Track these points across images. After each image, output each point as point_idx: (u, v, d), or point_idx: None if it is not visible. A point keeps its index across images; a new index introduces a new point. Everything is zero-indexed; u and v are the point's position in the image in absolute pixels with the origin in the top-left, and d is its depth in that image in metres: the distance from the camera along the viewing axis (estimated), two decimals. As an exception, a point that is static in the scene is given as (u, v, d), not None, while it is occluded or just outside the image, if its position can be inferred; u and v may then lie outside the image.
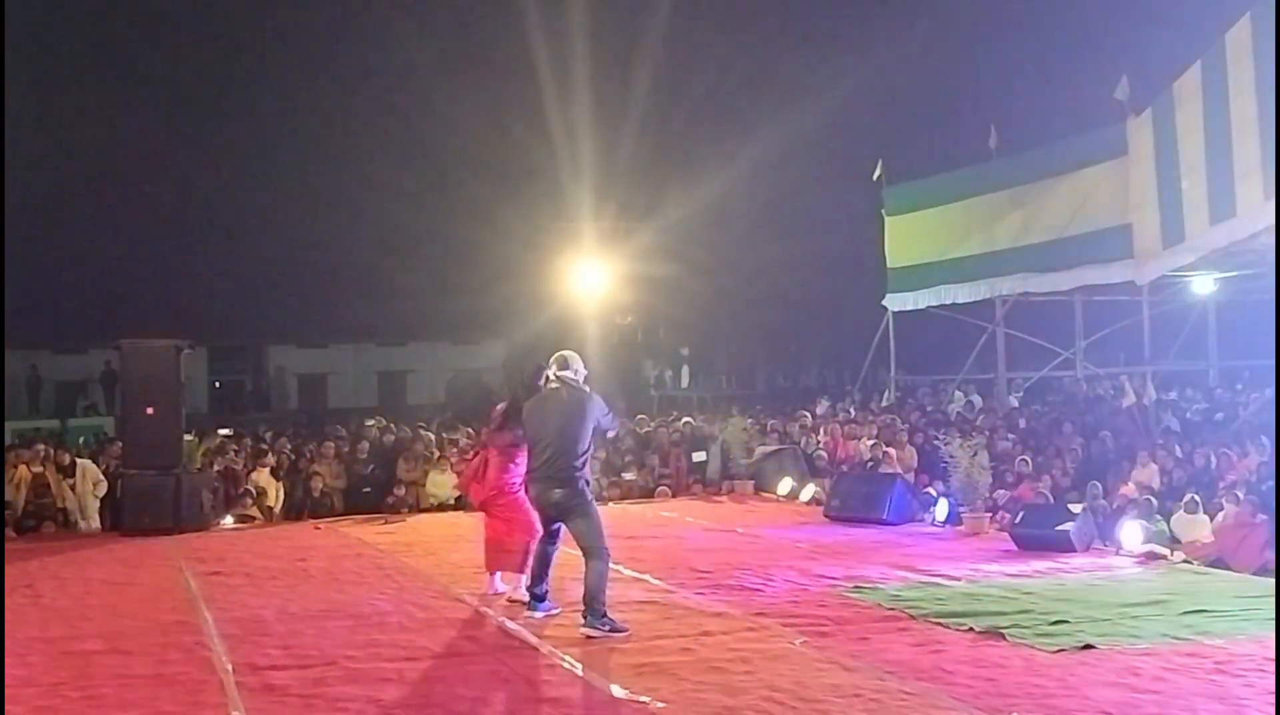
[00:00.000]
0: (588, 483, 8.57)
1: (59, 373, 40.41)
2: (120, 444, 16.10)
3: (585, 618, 8.11)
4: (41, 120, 35.51)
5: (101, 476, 15.29)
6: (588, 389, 8.85)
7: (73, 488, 15.12)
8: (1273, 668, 6.62)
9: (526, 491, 8.84)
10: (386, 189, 40.01)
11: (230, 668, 7.20)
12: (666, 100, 35.26)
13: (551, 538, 8.77)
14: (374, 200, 41.07)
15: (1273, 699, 6.01)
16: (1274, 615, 7.64)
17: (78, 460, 15.46)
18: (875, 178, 24.13)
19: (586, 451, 8.58)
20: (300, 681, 6.82)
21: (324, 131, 41.34)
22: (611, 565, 10.56)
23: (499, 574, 9.61)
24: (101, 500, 15.25)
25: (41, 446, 15.54)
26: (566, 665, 7.06)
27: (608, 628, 8.03)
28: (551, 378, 8.83)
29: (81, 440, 20.36)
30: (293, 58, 41.64)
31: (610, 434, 11.46)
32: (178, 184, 41.27)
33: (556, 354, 8.98)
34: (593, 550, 8.30)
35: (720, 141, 36.12)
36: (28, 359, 36.77)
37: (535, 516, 8.92)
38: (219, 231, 41.91)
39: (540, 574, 8.79)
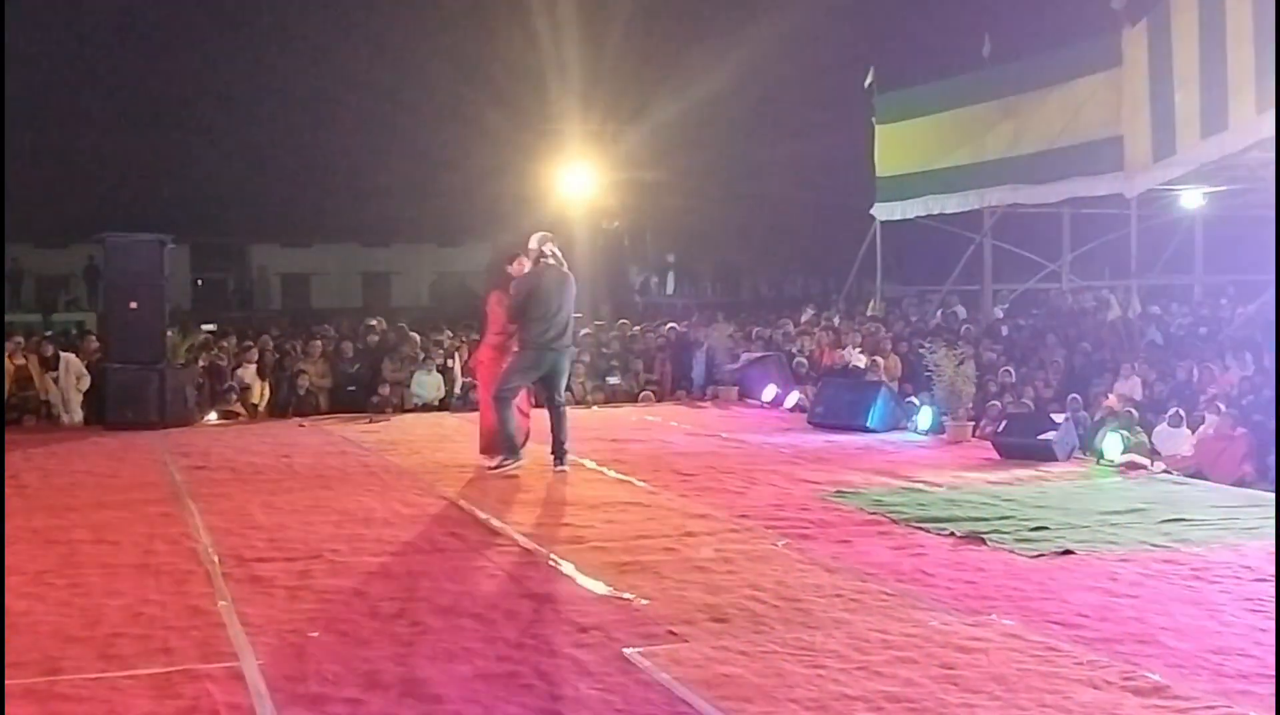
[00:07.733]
0: None
1: (40, 267, 40.17)
2: (99, 338, 16.04)
3: (562, 461, 10.30)
4: (23, 13, 34.89)
5: (85, 370, 15.25)
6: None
7: (56, 381, 15.09)
8: (1248, 575, 6.71)
9: (535, 357, 10.13)
10: (371, 89, 39.56)
11: (216, 559, 7.23)
12: (655, 0, 34.78)
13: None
14: (358, 100, 40.61)
15: (1247, 604, 6.09)
16: (1274, 525, 7.74)
17: (61, 353, 15.39)
18: (866, 85, 23.85)
19: None
20: (286, 573, 6.85)
21: (309, 30, 40.72)
22: (596, 466, 10.74)
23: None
24: (84, 394, 15.23)
25: (21, 338, 15.46)
26: (551, 562, 7.10)
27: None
28: (548, 253, 10.24)
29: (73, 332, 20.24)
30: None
31: None
32: (163, 80, 40.71)
33: (540, 234, 10.38)
34: (564, 404, 10.53)
35: (709, 43, 35.64)
36: (9, 253, 36.48)
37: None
38: (203, 128, 41.41)
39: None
